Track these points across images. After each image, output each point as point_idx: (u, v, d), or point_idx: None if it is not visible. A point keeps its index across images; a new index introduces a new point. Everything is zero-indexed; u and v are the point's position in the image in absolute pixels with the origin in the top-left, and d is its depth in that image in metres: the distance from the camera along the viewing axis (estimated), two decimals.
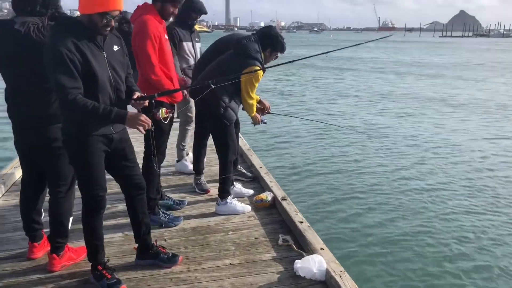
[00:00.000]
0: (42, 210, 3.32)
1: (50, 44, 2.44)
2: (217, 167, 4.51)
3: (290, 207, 3.84)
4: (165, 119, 3.08)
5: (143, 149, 3.68)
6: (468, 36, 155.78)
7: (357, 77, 24.87)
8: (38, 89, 2.83)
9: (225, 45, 4.18)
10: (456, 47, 66.97)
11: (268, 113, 4.38)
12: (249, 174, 4.89)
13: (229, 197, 4.02)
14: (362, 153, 9.40)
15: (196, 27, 5.03)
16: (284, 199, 4.01)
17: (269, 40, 3.88)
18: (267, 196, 4.10)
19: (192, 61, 4.67)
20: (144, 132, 2.58)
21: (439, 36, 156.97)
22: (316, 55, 4.08)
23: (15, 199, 4.17)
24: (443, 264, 4.86)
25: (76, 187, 2.93)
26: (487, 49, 61.95)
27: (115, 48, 2.68)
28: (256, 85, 3.87)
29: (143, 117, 2.54)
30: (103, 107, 2.47)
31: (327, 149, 9.72)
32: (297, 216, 3.65)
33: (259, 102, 4.26)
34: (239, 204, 4.03)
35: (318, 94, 18.22)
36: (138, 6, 3.56)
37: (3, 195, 4.52)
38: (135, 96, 2.77)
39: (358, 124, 12.37)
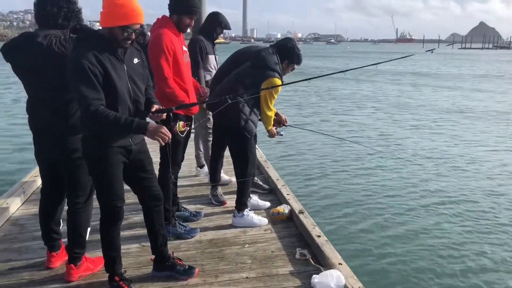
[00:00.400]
0: (61, 220, 3.35)
1: (73, 57, 2.48)
2: (234, 179, 4.57)
3: (307, 221, 3.80)
4: (182, 132, 3.10)
5: (159, 159, 3.70)
6: (488, 48, 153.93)
7: (373, 88, 24.76)
8: (59, 100, 2.87)
9: (243, 57, 4.20)
10: (475, 59, 66.20)
11: (284, 125, 4.36)
12: (266, 186, 4.87)
13: (246, 209, 4.00)
14: (380, 165, 9.29)
15: None
16: (301, 212, 3.97)
17: (286, 52, 3.89)
18: (284, 209, 4.07)
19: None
20: (163, 144, 2.59)
21: (458, 48, 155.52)
22: (337, 72, 4.06)
23: (34, 208, 4.22)
24: (471, 282, 4.72)
25: (94, 197, 2.95)
26: (508, 61, 61.13)
27: (135, 60, 2.71)
28: (276, 96, 3.87)
29: (164, 129, 2.56)
30: (124, 117, 2.49)
31: (344, 161, 9.62)
32: (314, 230, 3.61)
33: (276, 114, 4.25)
34: (256, 216, 4.01)
35: (334, 105, 18.17)
36: (158, 19, 3.61)
37: (23, 203, 4.58)
38: (153, 109, 2.79)
39: (374, 136, 12.26)
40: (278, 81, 3.78)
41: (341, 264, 3.11)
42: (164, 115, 2.84)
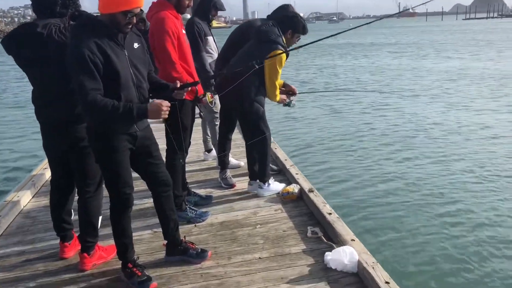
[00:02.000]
0: (72, 210, 3.36)
1: (72, 45, 2.44)
2: (243, 163, 4.61)
3: (318, 199, 3.77)
4: (211, 103, 3.14)
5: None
6: (493, 17, 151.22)
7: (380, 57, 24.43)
8: (64, 90, 2.84)
9: (243, 36, 4.16)
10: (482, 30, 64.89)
11: (295, 94, 4.31)
12: (275, 167, 4.85)
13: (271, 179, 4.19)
14: (395, 140, 9.00)
15: (214, 23, 5.01)
16: (311, 190, 3.95)
17: (288, 22, 3.83)
18: (293, 188, 4.05)
19: (216, 56, 4.65)
20: (166, 117, 2.55)
21: (462, 19, 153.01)
22: (327, 37, 4.05)
23: (45, 200, 4.24)
24: (486, 260, 4.54)
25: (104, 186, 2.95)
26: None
27: (136, 45, 2.67)
28: (280, 70, 3.82)
29: (164, 103, 2.51)
30: (122, 105, 2.44)
31: (355, 136, 9.42)
32: (325, 208, 3.59)
33: (284, 85, 4.22)
34: (276, 182, 4.25)
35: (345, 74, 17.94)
36: (153, 3, 3.53)
37: (33, 196, 4.60)
38: (178, 85, 2.78)
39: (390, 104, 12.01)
40: (283, 56, 3.76)
41: (354, 240, 3.09)
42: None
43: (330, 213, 3.48)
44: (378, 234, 5.15)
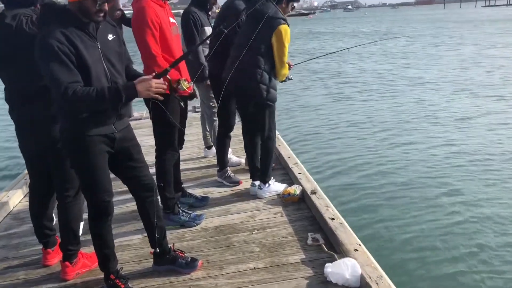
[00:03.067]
0: (54, 215, 3.14)
1: (39, 38, 2.20)
2: (243, 160, 4.37)
3: (320, 202, 3.49)
4: (190, 91, 2.73)
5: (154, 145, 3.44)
6: None
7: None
8: (38, 87, 2.60)
9: (222, 18, 3.99)
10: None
11: (290, 67, 3.97)
12: (272, 165, 4.54)
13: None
14: (404, 140, 8.40)
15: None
16: (313, 192, 3.67)
17: None
18: (295, 189, 3.77)
19: None
20: (163, 98, 2.32)
21: (482, 6, 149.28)
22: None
23: None
24: (498, 269, 4.19)
25: None
26: None
27: (110, 37, 2.40)
28: (287, 46, 3.57)
29: (154, 80, 2.27)
30: (107, 88, 2.20)
31: (364, 135, 8.91)
32: (327, 212, 3.31)
33: None
34: (276, 183, 4.01)
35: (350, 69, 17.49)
36: None
37: (25, 195, 4.41)
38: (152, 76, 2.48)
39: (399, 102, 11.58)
40: (287, 27, 3.52)
41: (357, 250, 2.81)
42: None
43: (332, 218, 3.20)
44: (388, 241, 4.75)
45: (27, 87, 2.63)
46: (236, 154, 5.00)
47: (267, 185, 3.91)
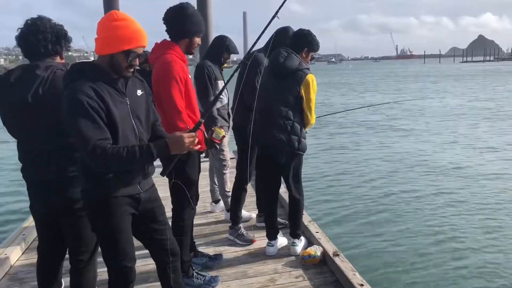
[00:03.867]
0: (62, 280, 2.88)
1: (67, 93, 2.06)
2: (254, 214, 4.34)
3: (346, 265, 3.30)
4: (224, 137, 2.78)
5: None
6: (489, 61, 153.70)
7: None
8: (61, 145, 2.43)
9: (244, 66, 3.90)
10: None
11: None
12: (282, 221, 4.37)
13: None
14: (422, 190, 8.18)
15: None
16: (336, 254, 3.48)
17: (302, 41, 3.61)
18: (315, 251, 3.58)
19: (225, 100, 4.29)
20: (200, 148, 2.25)
21: (460, 62, 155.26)
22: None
23: (36, 257, 3.75)
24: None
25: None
26: None
27: (139, 93, 2.30)
28: (315, 96, 3.56)
29: (186, 135, 2.16)
30: (138, 147, 2.07)
31: (377, 185, 8.58)
32: (355, 277, 3.11)
33: None
34: (284, 238, 3.97)
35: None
36: (157, 44, 3.16)
37: (23, 252, 4.11)
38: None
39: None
40: (313, 76, 3.53)
41: None
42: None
43: (362, 285, 3.00)
44: None
45: (48, 143, 2.46)
46: (245, 209, 4.80)
47: (300, 238, 3.81)
